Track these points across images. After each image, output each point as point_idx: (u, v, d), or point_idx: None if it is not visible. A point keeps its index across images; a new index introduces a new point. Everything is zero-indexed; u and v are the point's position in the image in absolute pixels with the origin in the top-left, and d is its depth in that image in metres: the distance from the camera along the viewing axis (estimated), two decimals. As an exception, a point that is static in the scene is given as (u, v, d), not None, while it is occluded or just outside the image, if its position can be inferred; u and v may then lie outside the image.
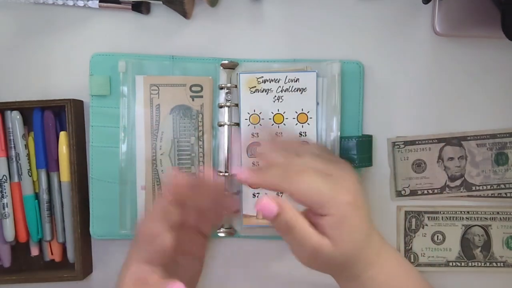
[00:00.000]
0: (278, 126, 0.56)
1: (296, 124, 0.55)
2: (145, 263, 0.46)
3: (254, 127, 0.56)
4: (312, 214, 0.45)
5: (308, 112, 0.55)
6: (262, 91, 0.55)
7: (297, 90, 0.55)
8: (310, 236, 0.44)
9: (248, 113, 0.56)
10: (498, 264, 0.58)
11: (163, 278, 0.45)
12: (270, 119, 0.55)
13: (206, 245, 0.55)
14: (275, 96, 0.55)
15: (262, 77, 0.55)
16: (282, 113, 0.55)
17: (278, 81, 0.55)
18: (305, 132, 0.55)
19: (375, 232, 0.49)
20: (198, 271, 0.55)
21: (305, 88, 0.55)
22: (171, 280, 0.43)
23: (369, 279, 0.46)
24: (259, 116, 0.56)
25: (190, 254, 0.53)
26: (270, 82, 0.55)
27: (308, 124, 0.55)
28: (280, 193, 0.53)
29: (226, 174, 0.56)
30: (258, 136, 0.56)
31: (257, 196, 0.56)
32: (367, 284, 0.47)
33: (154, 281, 0.44)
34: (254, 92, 0.55)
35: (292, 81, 0.55)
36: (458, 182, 0.57)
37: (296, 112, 0.55)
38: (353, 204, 0.45)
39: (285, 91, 0.55)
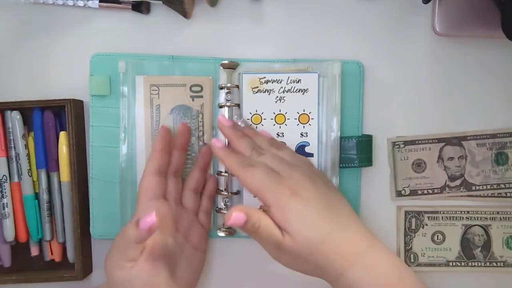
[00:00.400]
0: (280, 127, 0.55)
1: (298, 124, 0.55)
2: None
3: (256, 127, 0.56)
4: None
5: (309, 113, 0.55)
6: (264, 92, 0.55)
7: (299, 91, 0.55)
8: (272, 232, 0.47)
9: (250, 113, 0.55)
10: (498, 264, 0.58)
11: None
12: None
13: (206, 238, 0.55)
14: (277, 97, 0.55)
15: (265, 77, 0.55)
16: (284, 114, 0.55)
17: (280, 82, 0.55)
18: (307, 133, 0.55)
19: (350, 232, 0.48)
20: (200, 264, 0.55)
21: (307, 89, 0.55)
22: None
23: (354, 279, 0.46)
24: (261, 116, 0.56)
25: (191, 241, 0.54)
26: (272, 83, 0.55)
27: (310, 125, 0.55)
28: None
29: (226, 174, 0.56)
30: None
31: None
32: (352, 284, 0.47)
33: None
34: (257, 92, 0.55)
35: (294, 82, 0.55)
36: (458, 182, 0.57)
37: (298, 113, 0.55)
38: (292, 196, 0.47)
39: (287, 92, 0.55)
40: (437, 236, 0.58)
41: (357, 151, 0.56)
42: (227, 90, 0.56)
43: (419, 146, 0.57)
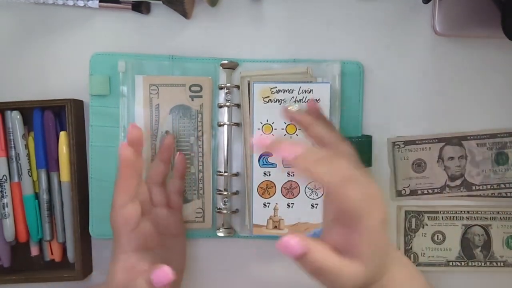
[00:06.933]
0: (291, 137, 0.55)
1: None
2: (132, 252, 0.48)
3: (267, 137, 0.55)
4: (339, 228, 0.42)
5: None
6: (276, 101, 0.55)
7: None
8: (342, 273, 0.40)
9: (261, 123, 0.55)
10: (498, 264, 0.58)
11: (152, 264, 0.47)
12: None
13: (182, 222, 0.55)
14: None
15: (276, 87, 0.55)
16: (295, 124, 0.55)
17: (292, 92, 0.54)
18: None
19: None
20: (183, 246, 0.55)
21: (319, 99, 0.54)
22: (157, 265, 0.45)
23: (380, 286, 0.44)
24: (272, 126, 0.55)
25: (170, 233, 0.54)
26: (283, 93, 0.55)
27: None
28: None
29: (226, 174, 0.56)
30: None
31: (268, 206, 0.55)
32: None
33: (142, 268, 0.47)
34: (268, 102, 0.55)
35: (305, 92, 0.54)
36: (458, 182, 0.57)
37: None
38: (382, 223, 0.42)
39: (298, 102, 0.55)
40: (437, 236, 0.58)
41: (356, 152, 0.55)
42: (227, 90, 0.56)
43: (419, 146, 0.57)
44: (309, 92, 0.54)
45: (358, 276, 0.41)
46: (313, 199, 0.55)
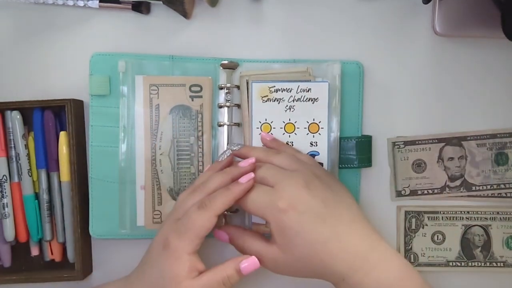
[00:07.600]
0: (289, 136, 0.55)
1: (307, 134, 0.55)
2: (192, 253, 0.49)
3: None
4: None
5: (319, 122, 0.55)
6: (274, 101, 0.55)
7: (308, 100, 0.55)
8: (261, 251, 0.49)
9: (260, 122, 0.55)
10: (498, 264, 0.58)
11: (198, 260, 0.50)
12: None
13: None
14: (287, 106, 0.55)
15: (274, 86, 0.55)
16: (293, 123, 0.55)
17: (290, 91, 0.55)
18: (316, 142, 0.55)
19: (350, 236, 0.48)
20: None
21: (317, 98, 0.55)
22: (244, 257, 0.49)
23: (354, 282, 0.47)
24: (270, 125, 0.55)
25: None
26: (282, 92, 0.55)
27: (320, 134, 0.55)
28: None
29: (226, 174, 0.56)
30: None
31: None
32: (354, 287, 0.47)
33: (200, 268, 0.49)
34: (266, 101, 0.55)
35: (304, 91, 0.55)
36: (458, 182, 0.57)
37: (308, 122, 0.55)
38: (285, 213, 0.47)
39: (297, 101, 0.55)
40: (437, 236, 0.58)
41: (356, 152, 0.56)
42: (227, 91, 0.56)
43: (419, 146, 0.57)
44: (308, 91, 0.54)
45: (275, 257, 0.49)
46: None
